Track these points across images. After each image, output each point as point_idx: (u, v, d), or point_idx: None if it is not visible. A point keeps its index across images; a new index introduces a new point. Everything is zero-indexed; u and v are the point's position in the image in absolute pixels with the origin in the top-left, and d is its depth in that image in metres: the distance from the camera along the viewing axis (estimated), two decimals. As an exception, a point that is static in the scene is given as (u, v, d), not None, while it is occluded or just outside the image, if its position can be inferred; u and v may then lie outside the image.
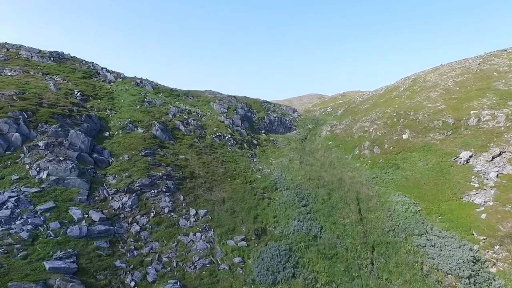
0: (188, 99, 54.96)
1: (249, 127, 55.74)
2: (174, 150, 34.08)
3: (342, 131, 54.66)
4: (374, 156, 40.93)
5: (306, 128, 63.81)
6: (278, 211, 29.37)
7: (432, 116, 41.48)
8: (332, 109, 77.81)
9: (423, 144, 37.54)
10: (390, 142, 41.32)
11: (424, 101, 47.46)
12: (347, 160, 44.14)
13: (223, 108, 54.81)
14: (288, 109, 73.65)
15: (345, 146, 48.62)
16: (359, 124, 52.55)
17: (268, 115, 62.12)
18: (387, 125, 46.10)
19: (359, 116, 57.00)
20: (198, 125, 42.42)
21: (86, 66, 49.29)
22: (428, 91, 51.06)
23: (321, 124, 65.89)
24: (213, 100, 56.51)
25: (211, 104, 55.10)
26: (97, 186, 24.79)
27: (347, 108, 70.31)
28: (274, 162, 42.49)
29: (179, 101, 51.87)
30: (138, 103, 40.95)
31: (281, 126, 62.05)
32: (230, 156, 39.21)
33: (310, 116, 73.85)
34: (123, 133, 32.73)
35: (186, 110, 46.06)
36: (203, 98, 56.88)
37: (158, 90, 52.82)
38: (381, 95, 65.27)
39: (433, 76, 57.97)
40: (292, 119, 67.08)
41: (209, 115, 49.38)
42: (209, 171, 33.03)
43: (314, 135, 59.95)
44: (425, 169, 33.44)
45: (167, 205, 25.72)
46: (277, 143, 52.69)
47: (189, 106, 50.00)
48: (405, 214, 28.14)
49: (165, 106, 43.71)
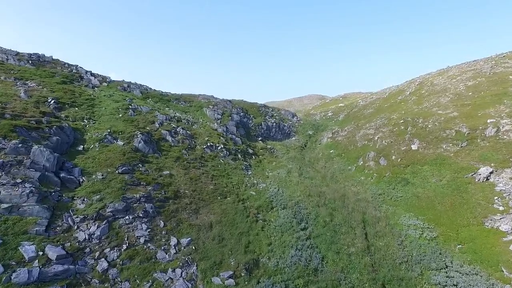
0: (179, 104, 51.36)
1: (245, 134, 52.15)
2: (158, 165, 30.49)
3: (344, 139, 51.06)
4: (380, 168, 37.31)
5: (306, 135, 60.20)
6: (273, 237, 25.77)
7: (444, 125, 37.86)
8: (333, 113, 74.20)
9: (435, 157, 33.91)
10: (397, 153, 37.69)
11: (433, 107, 43.84)
12: (350, 172, 40.53)
13: (217, 114, 51.21)
14: (287, 114, 70.07)
15: (348, 156, 45.02)
16: (362, 131, 48.96)
17: (265, 121, 58.51)
18: (393, 133, 42.50)
19: (363, 122, 53.38)
20: (188, 135, 38.83)
21: (69, 69, 45.71)
22: (437, 96, 47.44)
23: (321, 130, 62.29)
24: (206, 105, 52.90)
25: (204, 110, 51.49)
26: (61, 213, 21.17)
27: (349, 113, 66.69)
28: (270, 175, 38.92)
29: (169, 107, 48.29)
30: (122, 110, 37.37)
31: (279, 133, 58.44)
32: (222, 169, 35.63)
33: (310, 121, 70.24)
34: (100, 147, 29.13)
35: (175, 117, 42.48)
36: (195, 103, 53.29)
37: (147, 95, 49.23)
38: (386, 99, 61.66)
39: (442, 79, 54.35)
40: (291, 125, 63.48)
41: (201, 122, 45.80)
42: (197, 189, 29.44)
43: (315, 142, 56.34)
44: (439, 186, 29.81)
45: (143, 233, 22.11)
46: (274, 152, 49.11)
47: (179, 113, 46.42)
48: (418, 242, 24.52)
49: (152, 113, 40.12)
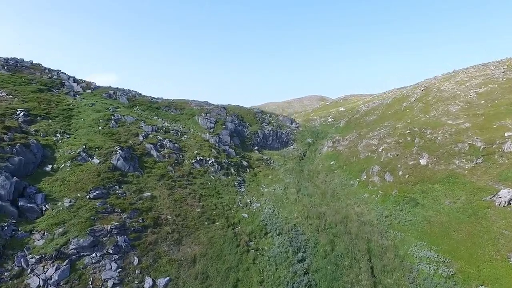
0: (169, 112, 48.09)
1: (240, 143, 48.88)
2: (138, 185, 27.21)
3: (345, 149, 47.78)
4: (386, 185, 34.04)
5: (305, 143, 56.90)
6: (266, 272, 22.50)
7: (455, 137, 34.59)
8: (334, 119, 70.93)
9: (446, 174, 30.64)
10: (405, 168, 34.42)
11: (442, 117, 40.58)
12: (353, 187, 37.26)
13: (210, 122, 47.93)
14: (285, 120, 66.81)
15: (350, 168, 41.75)
16: (365, 141, 45.69)
17: (262, 129, 55.22)
18: (399, 145, 39.23)
19: (365, 130, 50.10)
20: (176, 148, 35.55)
21: (49, 75, 42.45)
22: (446, 103, 44.19)
23: (321, 138, 59.01)
24: (198, 113, 49.62)
25: (196, 118, 48.20)
26: (13, 253, 17.93)
27: (350, 119, 63.42)
28: (266, 191, 35.65)
29: (158, 115, 45.03)
30: (102, 122, 34.09)
31: (276, 141, 55.17)
32: (212, 186, 32.35)
33: (310, 128, 66.96)
34: (72, 166, 25.85)
35: (163, 127, 39.21)
36: (187, 111, 50.00)
37: (134, 102, 45.98)
38: (389, 105, 58.39)
39: (449, 85, 51.10)
40: (290, 132, 60.19)
41: (191, 133, 42.54)
42: (181, 213, 26.16)
43: (314, 152, 53.06)
44: (453, 210, 26.54)
45: (112, 275, 18.82)
46: (271, 163, 45.83)
47: (169, 122, 43.17)
48: (433, 280, 21.25)
49: (136, 124, 36.85)
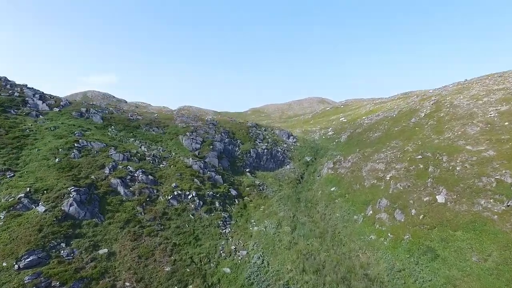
0: (150, 131, 42.89)
1: (230, 166, 43.69)
2: (94, 238, 22.06)
3: (348, 172, 42.54)
4: (396, 226, 28.80)
5: (303, 162, 51.65)
6: None
7: (478, 169, 29.34)
8: (334, 131, 65.66)
9: (471, 217, 25.40)
10: (418, 206, 29.18)
11: (459, 140, 35.33)
12: (357, 224, 32.02)
13: (196, 143, 42.75)
14: (282, 134, 61.56)
15: (353, 198, 36.53)
16: (370, 165, 40.46)
17: (255, 147, 49.97)
18: (410, 173, 34.00)
19: (369, 151, 44.84)
20: (150, 180, 30.36)
21: (10, 92, 37.35)
22: (462, 123, 38.95)
23: (321, 155, 53.75)
24: (183, 131, 44.42)
25: (180, 138, 43.01)
26: None
27: (353, 134, 58.13)
28: (255, 231, 30.51)
29: (135, 136, 39.85)
30: (62, 152, 28.94)
31: (271, 161, 49.92)
32: (190, 230, 27.19)
33: (308, 142, 61.69)
34: (7, 218, 20.72)
35: (138, 153, 34.04)
36: (170, 129, 44.80)
37: (109, 121, 40.79)
38: (395, 119, 53.08)
39: (463, 99, 45.84)
40: (286, 148, 54.94)
41: (172, 157, 37.36)
42: (145, 275, 20.98)
43: (313, 173, 47.80)
44: (484, 272, 21.29)
45: None
46: (264, 189, 40.67)
47: (146, 145, 37.99)
48: None
49: (105, 151, 31.68)
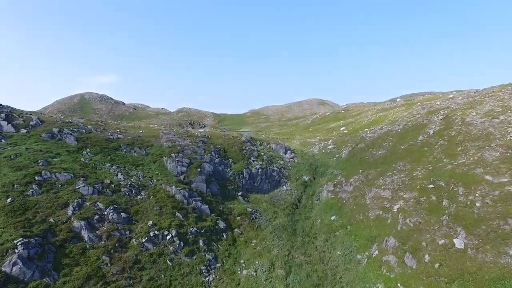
0: (131, 153, 38.82)
1: (220, 190, 39.63)
2: (41, 307, 18.00)
3: (350, 198, 38.49)
4: (407, 274, 24.72)
5: (301, 181, 47.55)
6: None
7: (503, 207, 25.25)
8: (335, 145, 61.52)
9: (498, 272, 21.31)
10: (432, 250, 25.10)
11: (476, 167, 31.24)
12: (360, 267, 27.94)
13: (182, 165, 38.68)
14: (279, 148, 57.46)
15: (356, 231, 32.46)
16: (374, 191, 36.40)
17: (248, 166, 45.87)
18: (421, 205, 29.92)
19: (374, 173, 40.75)
20: (122, 219, 26.30)
21: (-30, 113, 33.37)
22: (477, 145, 34.85)
23: (320, 174, 49.66)
24: (168, 152, 40.34)
25: (164, 161, 38.94)
26: None
27: (355, 149, 53.99)
28: (244, 277, 26.45)
29: (113, 160, 35.77)
30: (18, 188, 24.90)
31: (266, 181, 45.82)
32: (166, 282, 23.14)
33: (307, 157, 57.59)
34: None
35: (112, 184, 29.97)
36: (154, 150, 40.73)
37: (85, 143, 36.73)
38: (401, 135, 48.96)
39: (477, 116, 41.74)
40: (283, 166, 50.85)
41: (153, 185, 33.31)
42: None
43: (311, 196, 43.74)
44: None
45: None
46: (257, 218, 36.62)
47: (124, 172, 33.88)
48: None
49: (72, 184, 27.64)
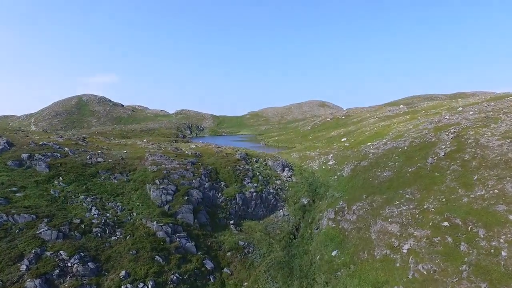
0: (111, 179, 35.07)
1: (209, 220, 35.90)
2: None
3: (353, 229, 34.75)
4: None
5: (299, 205, 43.80)
6: None
7: (534, 260, 21.50)
8: (336, 160, 57.75)
9: None
10: (451, 310, 21.37)
11: (497, 203, 27.50)
12: (367, 323, 24.19)
13: (167, 193, 34.93)
14: (276, 165, 53.68)
15: (361, 273, 28.70)
16: (380, 224, 32.67)
17: (242, 189, 42.13)
18: (434, 248, 26.18)
19: (379, 200, 36.99)
20: (89, 271, 22.56)
21: None
22: (497, 174, 31.09)
23: (320, 196, 45.95)
24: (153, 177, 36.60)
25: (148, 188, 35.19)
26: None
27: (357, 167, 50.19)
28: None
29: (89, 190, 32.02)
30: (-35, 238, 21.17)
31: (261, 206, 42.10)
32: None
33: (306, 175, 53.84)
34: None
35: (83, 223, 26.25)
36: (137, 175, 37.01)
37: (58, 170, 32.97)
38: (407, 154, 45.18)
39: (492, 137, 37.98)
40: (280, 187, 47.12)
41: (133, 219, 29.60)
42: None
43: (310, 224, 40.01)
44: None
45: None
46: (250, 253, 32.92)
47: (100, 204, 30.13)
48: None
49: (33, 227, 23.92)
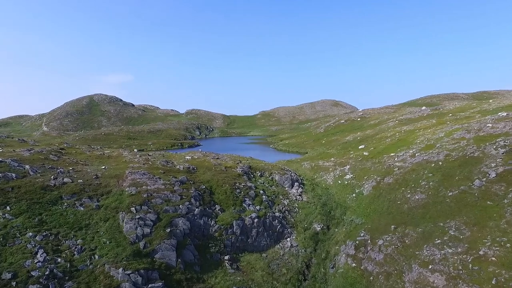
0: (76, 206, 28.31)
1: (197, 257, 28.76)
2: None
3: (380, 273, 26.98)
4: None
5: (311, 233, 36.11)
6: None
7: None
8: (354, 174, 49.73)
9: None
10: None
11: None
12: None
13: (144, 224, 27.93)
14: (284, 180, 46.11)
15: None
16: (417, 271, 24.82)
17: (241, 214, 34.82)
18: (505, 324, 18.25)
19: (412, 234, 29.00)
20: None
21: None
22: None
23: (337, 220, 38.22)
24: (129, 203, 29.67)
25: (120, 218, 28.30)
26: None
27: (380, 185, 42.07)
28: None
29: (42, 223, 25.30)
30: None
31: (264, 234, 34.69)
32: None
33: (319, 191, 46.14)
34: None
35: (14, 280, 19.53)
36: (111, 199, 30.16)
37: (7, 196, 26.26)
38: (444, 171, 36.87)
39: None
40: (287, 209, 39.64)
41: (93, 265, 22.72)
42: None
43: (324, 261, 32.31)
44: None
45: None
46: (246, 304, 25.56)
47: (52, 244, 23.34)
48: None
49: None
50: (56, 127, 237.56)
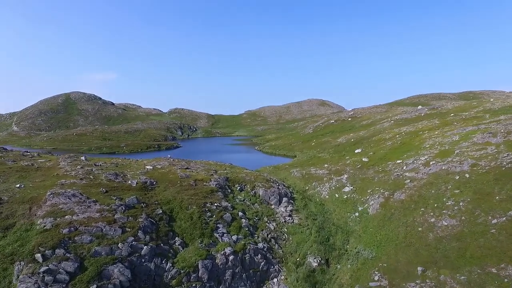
0: None
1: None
2: None
3: None
4: None
5: (305, 271, 26.92)
6: None
7: None
8: (354, 186, 41.11)
9: None
10: None
11: None
12: None
13: (52, 282, 18.15)
14: (269, 196, 36.85)
15: None
16: None
17: (210, 248, 25.38)
18: None
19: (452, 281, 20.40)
20: None
21: None
22: None
23: (338, 253, 29.29)
24: (32, 249, 19.74)
25: (15, 273, 18.36)
26: None
27: (389, 200, 33.52)
28: None
29: None
30: None
31: (242, 276, 25.34)
32: None
33: (313, 210, 37.19)
34: None
35: None
36: (10, 239, 20.03)
37: None
38: (475, 188, 28.58)
39: None
40: (274, 235, 30.46)
41: None
42: None
43: (325, 317, 23.33)
44: None
45: None
46: None
47: None
48: None
49: None
50: (27, 126, 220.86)
